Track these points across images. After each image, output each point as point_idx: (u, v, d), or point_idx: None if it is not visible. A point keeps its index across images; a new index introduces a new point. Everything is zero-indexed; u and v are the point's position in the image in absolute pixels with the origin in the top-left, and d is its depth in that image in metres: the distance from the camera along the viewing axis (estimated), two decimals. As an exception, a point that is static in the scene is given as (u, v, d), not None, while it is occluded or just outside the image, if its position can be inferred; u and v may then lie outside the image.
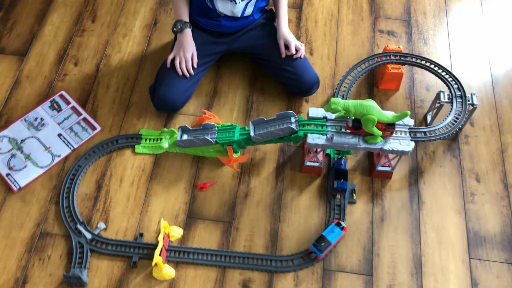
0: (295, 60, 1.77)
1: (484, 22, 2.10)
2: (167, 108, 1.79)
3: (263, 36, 1.82)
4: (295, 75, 1.77)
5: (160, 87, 1.75)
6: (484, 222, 1.63)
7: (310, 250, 1.54)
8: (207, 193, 1.68)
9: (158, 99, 1.76)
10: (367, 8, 2.12)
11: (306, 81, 1.78)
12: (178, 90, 1.76)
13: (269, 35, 1.82)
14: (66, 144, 1.76)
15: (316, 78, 1.80)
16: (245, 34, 1.81)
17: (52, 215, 1.63)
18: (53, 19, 2.08)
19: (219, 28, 1.76)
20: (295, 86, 1.80)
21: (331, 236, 1.55)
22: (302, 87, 1.79)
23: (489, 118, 1.84)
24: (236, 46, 1.83)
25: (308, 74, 1.78)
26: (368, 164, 1.73)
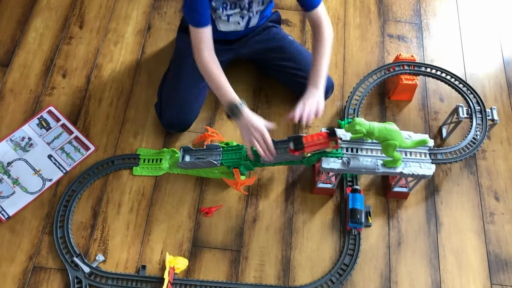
0: (307, 63, 1.61)
1: (499, 23, 2.00)
2: (178, 128, 1.67)
3: (269, 40, 1.68)
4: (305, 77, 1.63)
5: (170, 106, 1.62)
6: (505, 244, 1.56)
7: (349, 228, 1.53)
8: (212, 219, 1.57)
9: (169, 120, 1.63)
10: (375, 10, 2.00)
11: None
12: (190, 108, 1.63)
13: (277, 38, 1.69)
14: (58, 167, 1.62)
15: (330, 82, 1.68)
16: (252, 38, 1.68)
17: (45, 246, 1.51)
18: (37, 24, 1.91)
19: (225, 36, 1.62)
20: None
21: (358, 204, 1.51)
22: None
23: (506, 130, 1.75)
24: (244, 52, 1.69)
25: None
26: (382, 183, 1.63)
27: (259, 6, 1.55)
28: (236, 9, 1.51)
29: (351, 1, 2.02)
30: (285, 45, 1.69)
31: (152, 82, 1.79)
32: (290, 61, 1.67)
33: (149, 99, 1.76)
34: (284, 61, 1.68)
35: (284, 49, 1.68)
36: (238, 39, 1.67)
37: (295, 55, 1.68)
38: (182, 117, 1.63)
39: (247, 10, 1.53)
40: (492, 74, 1.87)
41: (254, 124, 1.41)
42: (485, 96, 1.82)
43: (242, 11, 1.52)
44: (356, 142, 1.47)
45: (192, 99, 1.63)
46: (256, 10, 1.56)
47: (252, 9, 1.54)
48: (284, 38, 1.71)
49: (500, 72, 1.88)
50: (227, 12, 1.51)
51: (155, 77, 1.79)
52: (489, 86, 1.85)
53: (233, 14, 1.52)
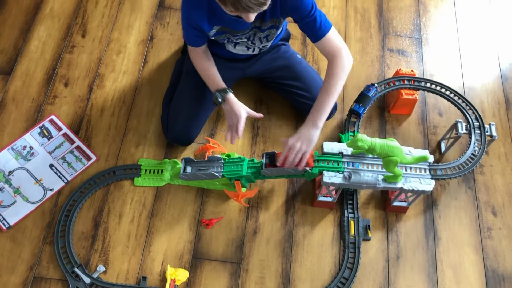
0: (313, 84, 1.66)
1: (497, 39, 2.03)
2: (182, 143, 1.68)
3: (277, 59, 1.69)
4: (312, 101, 1.64)
5: (177, 122, 1.63)
6: (502, 259, 1.57)
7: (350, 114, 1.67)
8: (213, 230, 1.58)
9: (175, 135, 1.65)
10: (375, 24, 2.02)
11: None
12: (196, 124, 1.65)
13: (286, 56, 1.70)
14: (59, 176, 1.63)
15: (335, 105, 1.69)
16: (260, 58, 1.69)
17: (46, 256, 1.51)
18: (40, 32, 1.91)
19: (232, 55, 1.63)
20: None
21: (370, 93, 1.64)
22: None
23: (504, 146, 1.78)
24: (251, 71, 1.70)
25: None
26: (382, 197, 1.65)
27: (263, 43, 1.55)
28: (243, 40, 1.52)
29: (352, 15, 2.04)
30: (293, 64, 1.70)
31: (155, 93, 1.80)
32: (296, 80, 1.68)
33: (151, 109, 1.77)
34: (291, 80, 1.69)
35: (292, 68, 1.69)
36: (247, 59, 1.68)
37: (302, 75, 1.69)
38: (187, 133, 1.64)
39: (251, 42, 1.54)
40: (490, 90, 1.90)
41: (234, 110, 1.51)
42: (483, 112, 1.84)
43: (247, 42, 1.54)
44: (357, 157, 1.49)
45: (199, 116, 1.65)
46: (260, 46, 1.57)
47: (255, 43, 1.55)
48: (292, 57, 1.71)
49: (498, 87, 1.90)
50: (234, 42, 1.53)
51: (158, 87, 1.80)
52: (487, 101, 1.87)
53: (240, 42, 1.54)
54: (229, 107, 1.52)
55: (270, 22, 1.47)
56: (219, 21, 1.42)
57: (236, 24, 1.43)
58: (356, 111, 1.67)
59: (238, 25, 1.43)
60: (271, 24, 1.48)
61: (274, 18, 1.45)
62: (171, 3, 2.02)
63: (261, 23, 1.46)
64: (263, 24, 1.46)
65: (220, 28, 1.45)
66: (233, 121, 1.51)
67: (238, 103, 1.52)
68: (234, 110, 1.51)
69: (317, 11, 1.41)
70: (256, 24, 1.45)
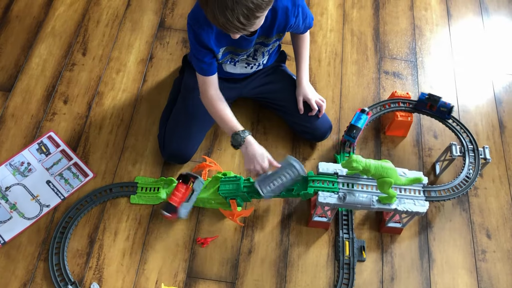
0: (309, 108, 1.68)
1: (491, 63, 2.06)
2: (178, 160, 1.69)
3: (274, 80, 1.72)
4: (308, 122, 1.69)
5: (173, 139, 1.64)
6: (497, 283, 1.57)
7: (344, 140, 1.69)
8: (208, 249, 1.58)
9: (170, 152, 1.66)
10: (371, 47, 2.05)
11: (319, 128, 1.70)
12: (192, 142, 1.67)
13: (280, 78, 1.73)
14: (56, 193, 1.63)
15: (329, 125, 1.72)
16: (257, 78, 1.72)
17: (40, 273, 1.51)
18: (41, 50, 1.94)
19: (231, 75, 1.66)
20: (307, 133, 1.73)
21: (360, 123, 1.66)
22: (315, 134, 1.72)
23: (498, 169, 1.79)
24: (247, 90, 1.73)
25: (321, 122, 1.70)
26: (376, 218, 1.66)
27: (264, 58, 1.60)
28: (243, 57, 1.56)
29: (349, 38, 2.08)
30: (288, 86, 1.71)
31: (153, 111, 1.82)
32: (290, 102, 1.69)
33: (149, 128, 1.78)
34: (285, 102, 1.71)
35: (286, 90, 1.71)
36: (244, 79, 1.70)
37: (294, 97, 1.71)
38: (183, 151, 1.66)
39: (252, 58, 1.57)
40: (484, 113, 1.92)
41: (256, 154, 1.45)
42: (477, 135, 1.86)
43: (247, 58, 1.57)
44: (352, 178, 1.50)
45: (195, 135, 1.66)
46: (261, 61, 1.61)
47: (257, 58, 1.59)
48: (288, 78, 1.74)
49: (492, 111, 1.93)
50: (234, 59, 1.56)
51: (156, 106, 1.82)
52: (481, 124, 1.89)
53: (240, 61, 1.57)
54: (252, 149, 1.46)
55: (276, 37, 1.51)
56: (225, 40, 1.44)
57: (241, 42, 1.45)
58: (348, 140, 1.70)
59: (243, 43, 1.46)
60: (276, 38, 1.52)
61: (279, 33, 1.51)
62: (171, 23, 2.05)
63: (265, 39, 1.50)
64: (268, 40, 1.51)
65: (226, 49, 1.48)
66: (256, 168, 1.46)
67: (258, 147, 1.47)
68: (256, 155, 1.45)
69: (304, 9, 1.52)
70: (261, 40, 1.50)
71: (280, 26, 1.46)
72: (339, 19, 2.13)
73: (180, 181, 1.56)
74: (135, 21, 2.05)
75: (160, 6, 2.10)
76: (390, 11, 2.17)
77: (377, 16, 2.15)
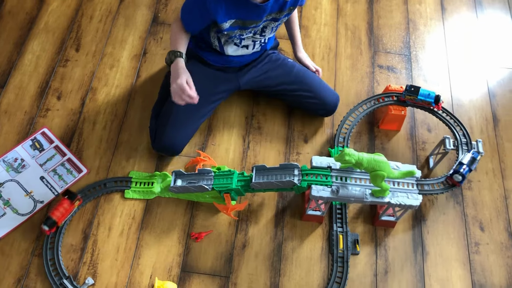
0: (311, 82, 1.74)
1: (484, 57, 2.06)
2: (169, 152, 1.69)
3: (272, 67, 1.74)
4: (317, 99, 1.74)
5: (165, 131, 1.63)
6: (490, 274, 1.58)
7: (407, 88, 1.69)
8: (202, 244, 1.58)
9: (161, 144, 1.65)
10: (365, 41, 2.05)
11: (329, 101, 1.76)
12: (184, 134, 1.66)
13: (279, 64, 1.76)
14: (49, 189, 1.63)
15: (336, 96, 1.79)
16: (252, 69, 1.73)
17: (34, 269, 1.51)
18: (34, 46, 1.93)
19: (227, 63, 1.67)
20: (319, 109, 1.78)
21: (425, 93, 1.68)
22: (326, 108, 1.78)
23: (492, 162, 1.80)
24: (245, 81, 1.73)
25: (329, 95, 1.76)
26: (370, 212, 1.66)
27: (271, 34, 1.64)
28: (250, 34, 1.57)
29: (343, 32, 2.08)
30: (288, 69, 1.75)
31: (146, 107, 1.81)
32: (294, 84, 1.74)
33: (142, 123, 1.78)
34: (289, 85, 1.74)
35: (287, 74, 1.75)
36: (240, 69, 1.71)
37: (299, 77, 1.75)
38: (175, 143, 1.65)
39: (259, 34, 1.59)
40: (478, 107, 1.93)
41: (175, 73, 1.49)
42: (471, 128, 1.86)
43: (254, 36, 1.59)
44: (345, 171, 1.51)
45: (186, 126, 1.66)
46: (268, 37, 1.64)
47: (265, 35, 1.61)
48: (285, 62, 1.77)
49: (486, 104, 1.93)
50: (242, 35, 1.57)
51: (150, 101, 1.82)
52: (475, 118, 1.90)
53: (245, 38, 1.59)
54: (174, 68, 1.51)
55: (287, 11, 1.56)
56: (236, 12, 1.46)
57: (252, 14, 1.48)
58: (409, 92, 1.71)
59: (253, 15, 1.48)
60: (287, 13, 1.57)
61: (291, 7, 1.55)
62: (164, 18, 2.05)
63: (278, 14, 1.54)
64: (280, 14, 1.54)
65: (235, 22, 1.50)
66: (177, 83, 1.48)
67: (184, 68, 1.51)
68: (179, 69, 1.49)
69: None
70: (273, 16, 1.54)
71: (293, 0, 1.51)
72: (333, 13, 2.13)
73: (66, 197, 1.53)
74: (128, 16, 2.04)
75: (154, 1, 2.09)
76: (384, 5, 2.17)
77: (371, 10, 2.15)
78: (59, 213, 1.51)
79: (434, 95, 1.67)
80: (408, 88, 1.69)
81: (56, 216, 1.50)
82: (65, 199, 1.53)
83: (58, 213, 1.51)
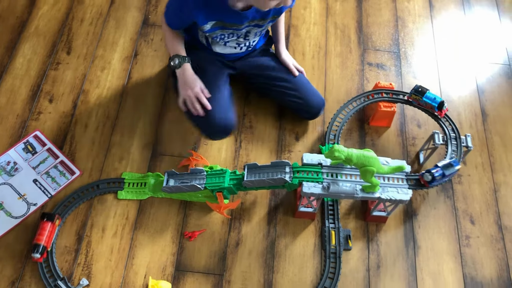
0: (299, 84, 1.75)
1: (473, 53, 2.09)
2: (226, 132, 1.66)
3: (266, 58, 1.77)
4: (301, 99, 1.74)
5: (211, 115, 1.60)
6: (480, 267, 1.60)
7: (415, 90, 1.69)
8: (195, 243, 1.59)
9: (215, 128, 1.63)
10: (355, 39, 2.07)
11: (313, 104, 1.75)
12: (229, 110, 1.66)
13: (273, 57, 1.79)
14: (43, 191, 1.64)
15: (322, 100, 1.77)
16: (248, 59, 1.76)
17: (29, 271, 1.51)
18: (25, 50, 1.94)
19: (221, 58, 1.70)
20: (303, 111, 1.77)
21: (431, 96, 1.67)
22: (310, 111, 1.77)
23: (481, 156, 1.82)
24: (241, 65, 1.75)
25: (315, 98, 1.75)
26: (362, 208, 1.68)
27: (256, 37, 1.64)
28: (233, 37, 1.59)
29: (332, 31, 2.09)
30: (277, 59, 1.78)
31: (138, 108, 1.82)
32: (284, 81, 1.75)
33: (134, 124, 1.79)
34: (275, 72, 1.75)
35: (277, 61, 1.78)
36: (234, 61, 1.74)
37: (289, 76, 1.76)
38: (227, 121, 1.63)
39: (243, 38, 1.60)
40: (467, 102, 1.95)
41: (187, 80, 1.58)
42: (460, 123, 1.88)
43: (238, 39, 1.60)
44: (335, 168, 1.52)
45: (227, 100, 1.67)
46: (252, 41, 1.65)
47: (249, 39, 1.61)
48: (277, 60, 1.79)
49: (474, 100, 1.95)
50: (225, 40, 1.59)
51: (141, 102, 1.83)
52: (464, 113, 1.92)
53: (230, 41, 1.60)
54: (185, 75, 1.58)
55: (271, 18, 1.57)
56: (216, 15, 1.48)
57: (232, 18, 1.49)
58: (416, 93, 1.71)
59: (234, 19, 1.50)
60: (271, 20, 1.58)
61: (275, 15, 1.56)
62: (155, 20, 2.06)
63: (260, 21, 1.55)
64: (263, 21, 1.55)
65: (215, 24, 1.51)
66: (193, 91, 1.57)
67: (194, 74, 1.59)
68: (191, 77, 1.58)
69: None
70: (255, 22, 1.54)
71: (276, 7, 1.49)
72: (322, 12, 2.15)
73: (45, 220, 1.52)
74: (119, 18, 2.05)
75: (144, 3, 2.11)
76: (373, 3, 2.19)
77: (360, 8, 2.17)
78: (45, 237, 1.50)
79: (439, 101, 1.67)
80: (416, 88, 1.69)
81: (43, 241, 1.49)
82: (45, 221, 1.52)
83: (44, 237, 1.50)
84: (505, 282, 1.58)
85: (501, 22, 2.19)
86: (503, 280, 1.58)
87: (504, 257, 1.62)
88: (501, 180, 1.77)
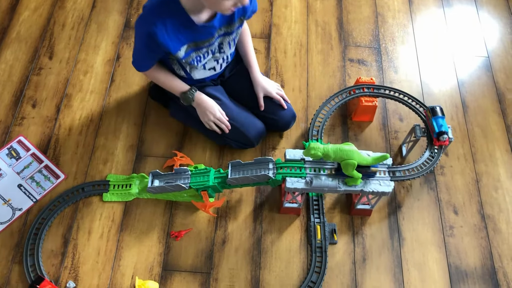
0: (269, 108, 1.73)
1: (452, 47, 2.11)
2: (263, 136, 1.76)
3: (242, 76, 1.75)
4: (272, 114, 1.73)
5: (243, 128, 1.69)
6: (464, 256, 1.62)
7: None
8: (182, 242, 1.60)
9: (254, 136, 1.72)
10: (336, 36, 2.09)
11: (283, 118, 1.74)
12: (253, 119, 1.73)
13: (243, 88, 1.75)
14: (28, 196, 1.64)
15: (292, 114, 1.75)
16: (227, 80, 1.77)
17: (15, 276, 1.51)
18: (7, 56, 1.94)
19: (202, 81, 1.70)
20: (271, 124, 1.75)
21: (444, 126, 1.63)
22: (278, 125, 1.76)
23: (463, 147, 1.84)
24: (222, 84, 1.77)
25: (285, 112, 1.73)
26: (346, 202, 1.69)
27: (231, 48, 1.62)
28: (209, 56, 1.58)
29: (313, 28, 2.11)
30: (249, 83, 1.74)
31: (121, 110, 1.83)
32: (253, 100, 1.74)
33: (118, 127, 1.80)
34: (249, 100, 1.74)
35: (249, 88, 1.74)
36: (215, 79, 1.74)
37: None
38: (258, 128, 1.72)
39: (219, 52, 1.60)
40: (448, 95, 1.97)
41: (206, 107, 1.63)
42: (441, 115, 1.91)
43: (214, 55, 1.60)
44: (318, 162, 1.53)
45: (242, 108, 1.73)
46: (229, 53, 1.64)
47: (225, 51, 1.61)
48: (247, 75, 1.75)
49: (455, 92, 1.98)
50: (202, 63, 1.59)
51: (125, 105, 1.84)
52: (445, 106, 1.94)
53: (207, 62, 1.60)
54: (202, 102, 1.63)
55: (238, 22, 1.56)
56: (186, 37, 1.47)
57: (201, 35, 1.49)
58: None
59: (203, 35, 1.49)
60: (238, 24, 1.56)
61: (241, 17, 1.55)
62: (137, 23, 2.07)
63: (228, 27, 1.54)
64: (231, 27, 1.54)
65: (188, 47, 1.50)
66: (215, 115, 1.63)
67: (208, 98, 1.64)
68: (208, 103, 1.63)
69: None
70: (223, 30, 1.53)
71: (239, 9, 1.48)
72: (303, 10, 2.17)
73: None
74: (100, 22, 2.06)
75: (125, 7, 2.12)
76: (353, 0, 2.22)
77: (340, 6, 2.20)
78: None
79: (443, 130, 1.61)
80: (434, 107, 1.66)
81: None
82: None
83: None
84: (489, 270, 1.60)
85: (479, 15, 2.22)
86: (487, 268, 1.60)
87: (487, 246, 1.64)
88: (482, 170, 1.79)
